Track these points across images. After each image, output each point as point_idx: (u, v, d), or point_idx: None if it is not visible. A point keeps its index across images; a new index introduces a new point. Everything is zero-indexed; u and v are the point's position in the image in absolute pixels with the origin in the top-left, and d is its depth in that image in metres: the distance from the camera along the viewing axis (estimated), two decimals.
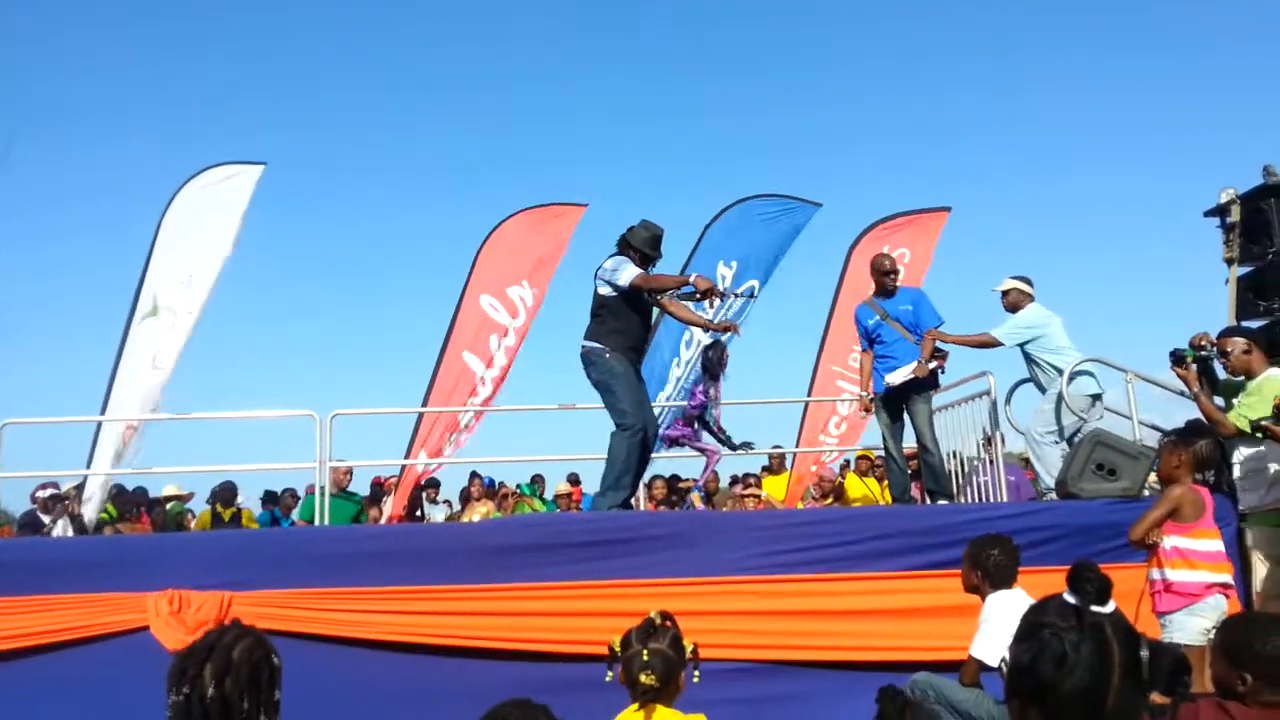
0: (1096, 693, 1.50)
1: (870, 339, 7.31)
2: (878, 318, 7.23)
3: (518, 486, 12.09)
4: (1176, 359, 6.18)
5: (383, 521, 10.49)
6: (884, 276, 7.34)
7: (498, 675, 5.17)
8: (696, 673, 3.07)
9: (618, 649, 3.05)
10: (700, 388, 6.96)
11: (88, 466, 9.54)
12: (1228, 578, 4.82)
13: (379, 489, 11.69)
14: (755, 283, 6.14)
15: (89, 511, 9.55)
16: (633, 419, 6.08)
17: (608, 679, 3.05)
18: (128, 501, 10.65)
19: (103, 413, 9.77)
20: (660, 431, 6.83)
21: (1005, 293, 7.53)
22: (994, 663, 4.24)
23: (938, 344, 7.12)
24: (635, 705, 2.98)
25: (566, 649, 5.31)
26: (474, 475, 11.71)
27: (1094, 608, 1.54)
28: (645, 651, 2.96)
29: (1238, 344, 6.00)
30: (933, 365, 7.04)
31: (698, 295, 6.17)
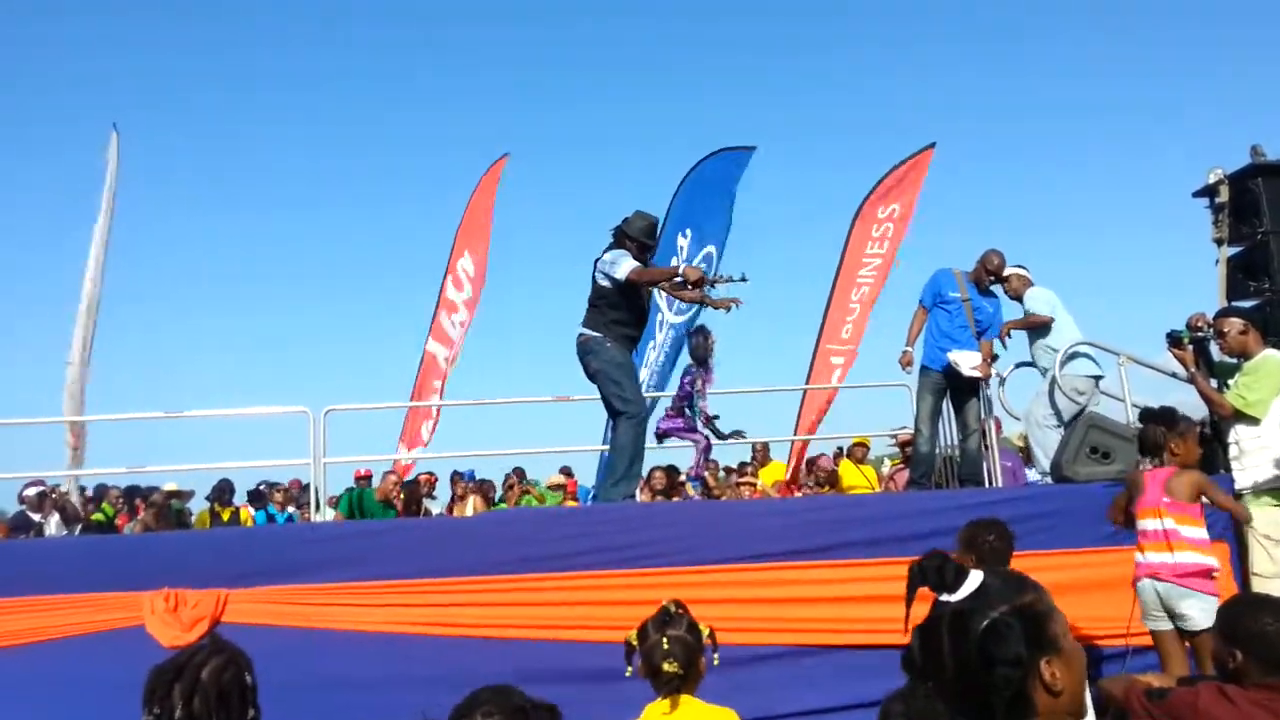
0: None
1: (936, 303, 7.27)
2: (959, 297, 7.20)
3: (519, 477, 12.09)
4: (1174, 340, 6.19)
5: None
6: (988, 275, 7.35)
7: (501, 665, 5.17)
8: (716, 656, 3.08)
9: (635, 642, 3.05)
10: (688, 378, 6.94)
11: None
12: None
13: (414, 486, 11.65)
14: (745, 273, 6.09)
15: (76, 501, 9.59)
16: (637, 406, 6.16)
17: (628, 674, 3.05)
18: (132, 497, 10.64)
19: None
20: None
21: (1006, 279, 7.58)
22: None
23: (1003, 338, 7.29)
24: (661, 697, 2.99)
25: (576, 637, 5.34)
26: (455, 475, 11.66)
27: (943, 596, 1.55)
28: (665, 640, 2.96)
29: (1234, 324, 6.01)
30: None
31: (690, 285, 6.20)
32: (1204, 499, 4.95)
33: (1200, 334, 6.27)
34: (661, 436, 6.96)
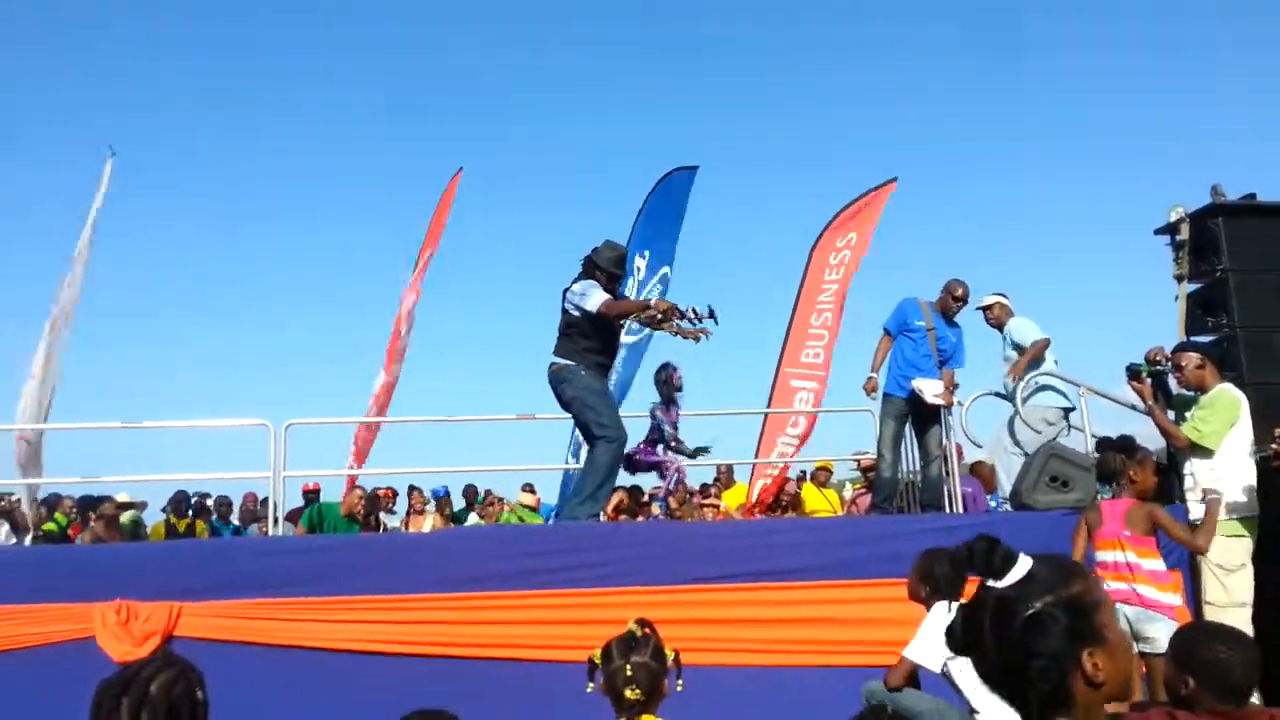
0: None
1: (901, 331, 7.34)
2: (924, 325, 7.28)
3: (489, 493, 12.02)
4: (1133, 373, 6.30)
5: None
6: (955, 301, 7.45)
7: (459, 683, 5.12)
8: (679, 681, 3.05)
9: (599, 661, 3.02)
10: (657, 416, 6.93)
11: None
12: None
13: (313, 496, 11.49)
14: (712, 307, 6.13)
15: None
16: (614, 430, 6.13)
17: (589, 690, 3.02)
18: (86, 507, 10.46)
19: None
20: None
21: (988, 308, 7.71)
22: (933, 667, 4.25)
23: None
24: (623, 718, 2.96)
25: (537, 656, 5.32)
26: (412, 489, 11.54)
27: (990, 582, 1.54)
28: (628, 666, 2.92)
29: (1191, 359, 6.12)
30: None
31: (659, 317, 6.20)
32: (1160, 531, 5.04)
33: (1159, 368, 6.37)
34: (634, 468, 6.93)
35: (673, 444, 6.91)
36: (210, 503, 11.06)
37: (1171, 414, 6.34)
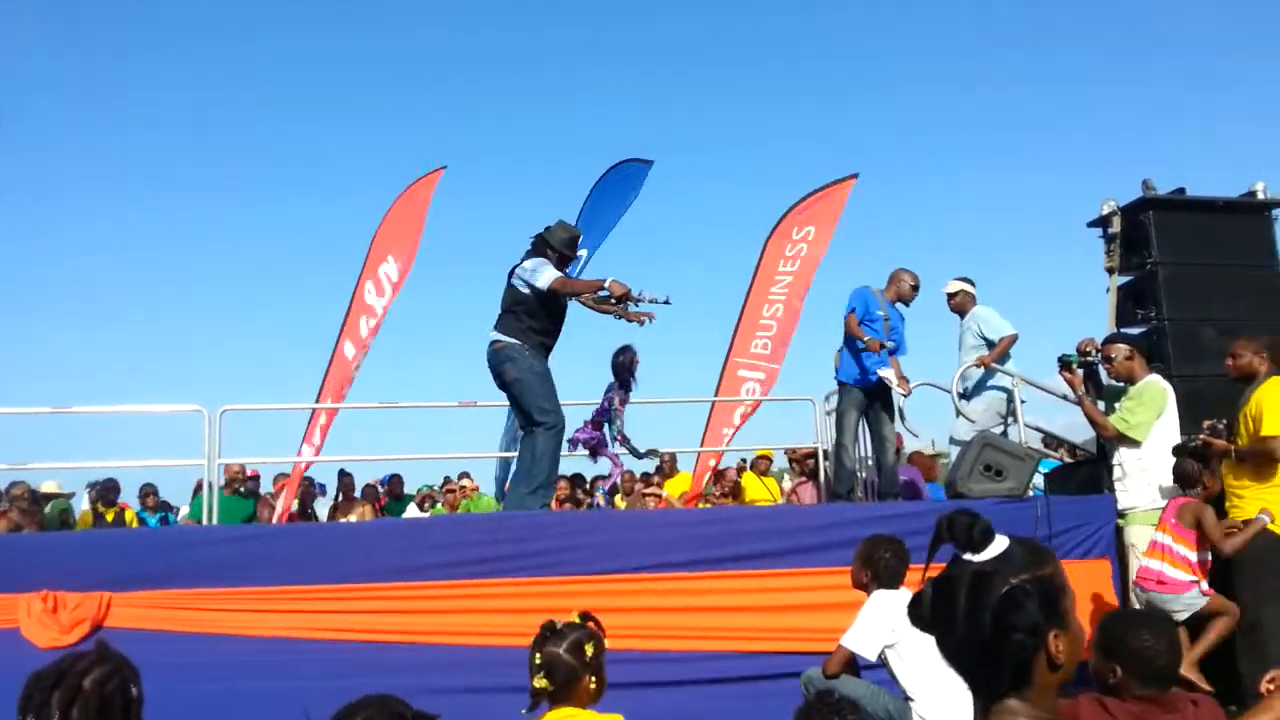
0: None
1: (863, 320, 7.32)
2: (882, 315, 7.30)
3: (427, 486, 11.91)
4: (1064, 364, 6.45)
5: (274, 521, 10.20)
6: (913, 291, 7.51)
7: (397, 676, 5.07)
8: (599, 680, 3.00)
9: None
10: (609, 395, 6.78)
11: None
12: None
13: (253, 483, 11.28)
14: (669, 295, 6.06)
15: None
16: (555, 416, 6.04)
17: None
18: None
19: None
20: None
21: (952, 295, 7.83)
22: (870, 655, 4.31)
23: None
24: (545, 711, 2.93)
25: (480, 644, 5.31)
26: (342, 474, 11.33)
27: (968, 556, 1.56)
28: (538, 655, 2.91)
29: (1121, 350, 6.26)
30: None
31: (613, 299, 6.13)
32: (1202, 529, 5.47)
33: (1089, 359, 6.51)
34: (575, 444, 6.81)
35: (620, 437, 6.76)
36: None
37: (1102, 404, 6.48)
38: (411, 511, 11.45)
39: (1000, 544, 1.53)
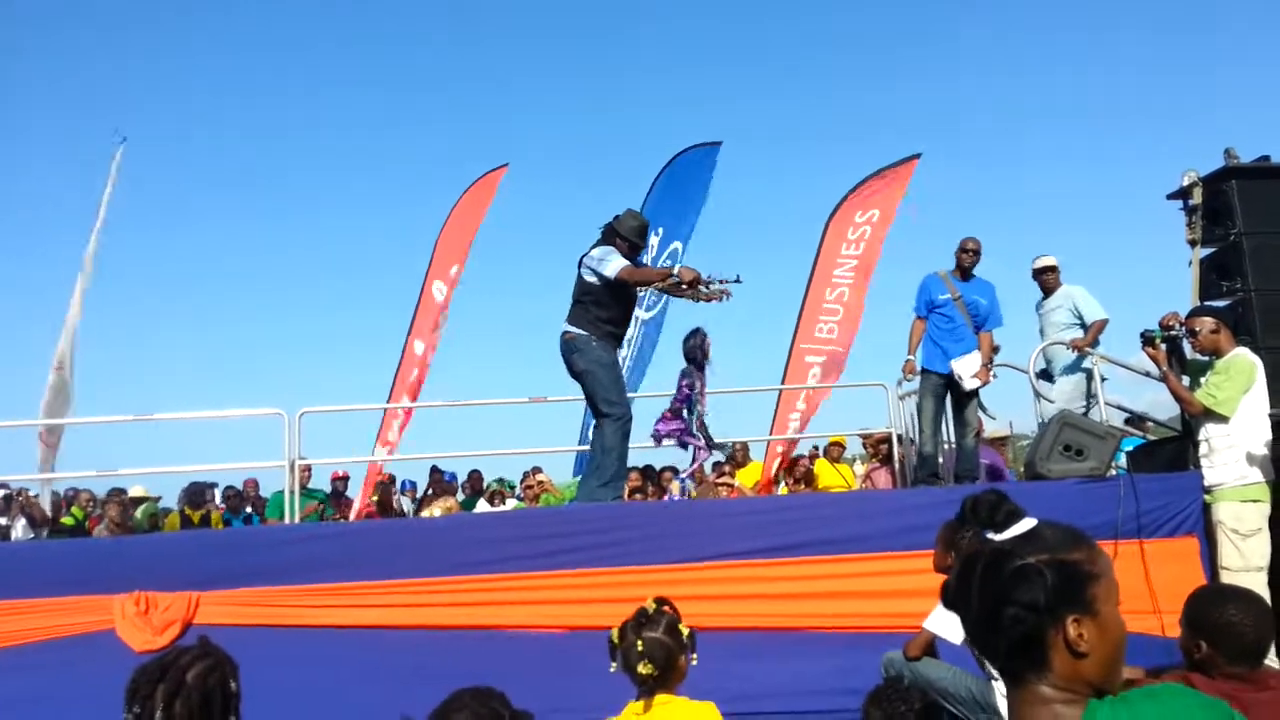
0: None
1: (931, 309, 7.34)
2: (949, 296, 7.26)
3: (499, 480, 12.04)
4: (1147, 339, 6.27)
5: (352, 517, 10.42)
6: (965, 255, 7.38)
7: (482, 662, 5.13)
8: (694, 656, 3.10)
9: (617, 640, 3.07)
10: (686, 380, 6.72)
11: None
12: None
13: (342, 484, 11.58)
14: (739, 274, 6.03)
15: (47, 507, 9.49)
16: (622, 407, 6.07)
17: (612, 669, 3.07)
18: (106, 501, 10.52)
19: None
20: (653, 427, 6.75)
21: (1044, 270, 7.75)
22: (954, 638, 4.25)
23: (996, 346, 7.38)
24: (637, 696, 3.01)
25: (561, 630, 5.34)
26: (434, 470, 11.57)
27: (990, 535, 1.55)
28: (640, 642, 2.99)
29: (1206, 323, 6.08)
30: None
31: (684, 286, 6.12)
32: None
33: (1173, 333, 6.33)
34: (659, 439, 6.81)
35: (699, 423, 6.74)
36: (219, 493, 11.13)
37: (1186, 380, 6.30)
38: (482, 507, 11.60)
39: (1025, 524, 1.54)
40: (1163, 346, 6.24)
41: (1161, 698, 1.40)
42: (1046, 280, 7.87)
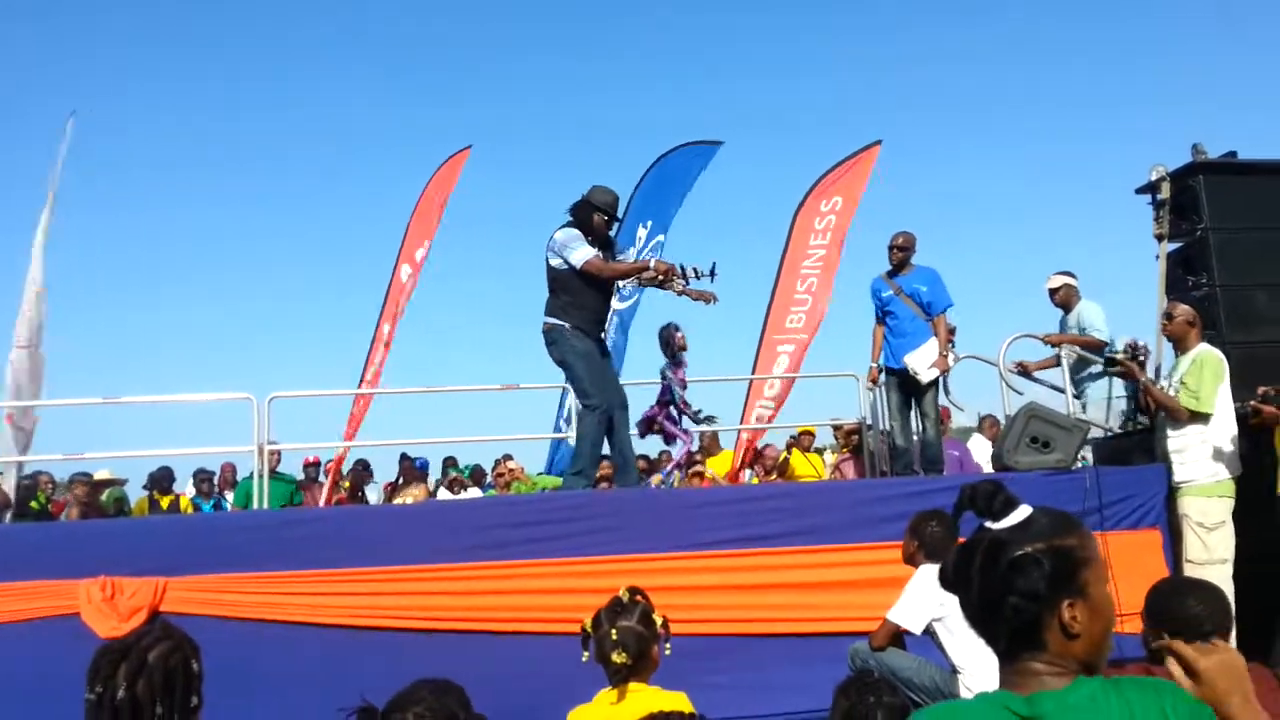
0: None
1: (882, 310, 7.39)
2: (892, 292, 7.31)
3: (464, 467, 11.98)
4: (1111, 361, 6.39)
5: (321, 503, 10.36)
6: (894, 253, 7.41)
7: (449, 654, 5.13)
8: (668, 646, 3.10)
9: (590, 629, 3.07)
10: (667, 373, 6.86)
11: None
12: None
13: (313, 469, 11.52)
14: (713, 263, 6.05)
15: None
16: (596, 398, 6.02)
17: (584, 659, 3.07)
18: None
19: None
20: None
21: (1055, 290, 7.71)
22: (915, 629, 4.33)
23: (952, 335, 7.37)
24: (610, 686, 3.01)
25: (529, 627, 5.34)
26: (404, 457, 11.50)
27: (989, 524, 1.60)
28: (614, 630, 2.98)
29: (1185, 311, 6.20)
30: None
31: (659, 279, 6.11)
32: None
33: (1138, 354, 6.43)
34: (645, 428, 6.87)
35: (683, 406, 6.86)
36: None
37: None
38: (443, 495, 11.55)
39: (1021, 513, 1.58)
40: (1132, 363, 6.33)
41: (1150, 690, 1.46)
42: (1061, 298, 7.76)
